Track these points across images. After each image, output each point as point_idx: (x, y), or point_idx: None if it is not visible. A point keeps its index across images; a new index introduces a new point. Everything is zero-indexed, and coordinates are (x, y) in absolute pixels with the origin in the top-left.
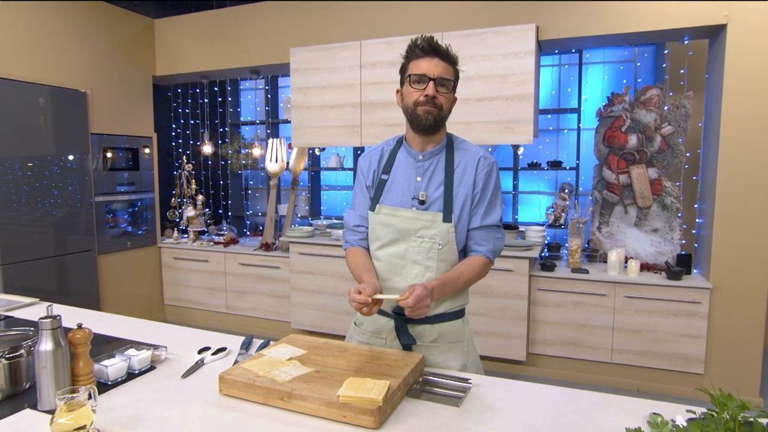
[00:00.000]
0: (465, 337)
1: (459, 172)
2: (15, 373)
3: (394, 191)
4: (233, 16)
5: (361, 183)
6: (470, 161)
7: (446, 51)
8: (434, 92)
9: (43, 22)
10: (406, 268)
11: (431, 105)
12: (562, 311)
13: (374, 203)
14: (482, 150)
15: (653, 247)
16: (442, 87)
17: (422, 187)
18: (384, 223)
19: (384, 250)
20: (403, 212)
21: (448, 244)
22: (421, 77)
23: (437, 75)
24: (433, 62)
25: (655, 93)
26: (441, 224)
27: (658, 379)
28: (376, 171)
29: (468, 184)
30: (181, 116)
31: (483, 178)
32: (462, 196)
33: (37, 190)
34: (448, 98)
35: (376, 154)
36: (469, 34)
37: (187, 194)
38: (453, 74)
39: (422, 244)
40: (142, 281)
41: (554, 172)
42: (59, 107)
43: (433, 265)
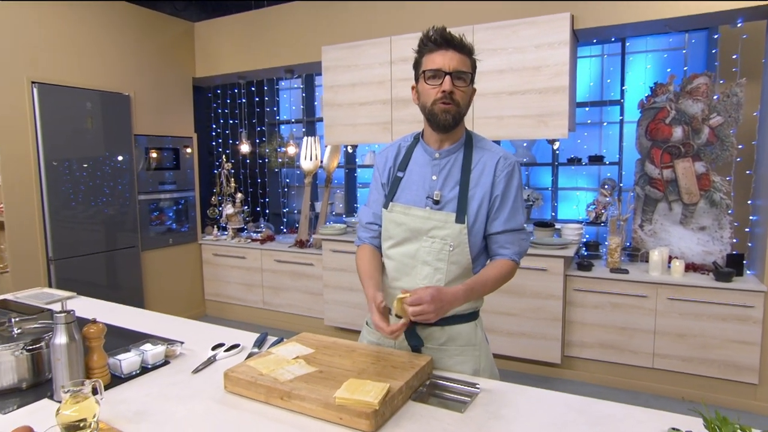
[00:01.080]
0: (477, 340)
1: (476, 173)
2: (37, 363)
3: (408, 189)
4: (267, 16)
5: (376, 180)
6: (489, 162)
7: (461, 41)
8: (451, 87)
9: (90, 30)
10: (416, 268)
11: (449, 102)
12: (600, 313)
13: (388, 201)
14: (502, 150)
15: (700, 246)
16: (459, 80)
17: (437, 186)
18: (396, 221)
19: (396, 249)
20: (416, 211)
21: (459, 246)
22: (436, 72)
23: (453, 68)
24: (447, 55)
25: (703, 81)
26: (453, 225)
27: (706, 387)
28: (392, 168)
29: (486, 186)
30: (221, 116)
31: (504, 181)
32: (478, 198)
33: (90, 189)
34: (465, 92)
35: (393, 151)
36: (501, 26)
37: (226, 192)
38: (470, 65)
39: (433, 244)
40: (184, 277)
41: (595, 168)
42: (105, 110)
43: (443, 266)
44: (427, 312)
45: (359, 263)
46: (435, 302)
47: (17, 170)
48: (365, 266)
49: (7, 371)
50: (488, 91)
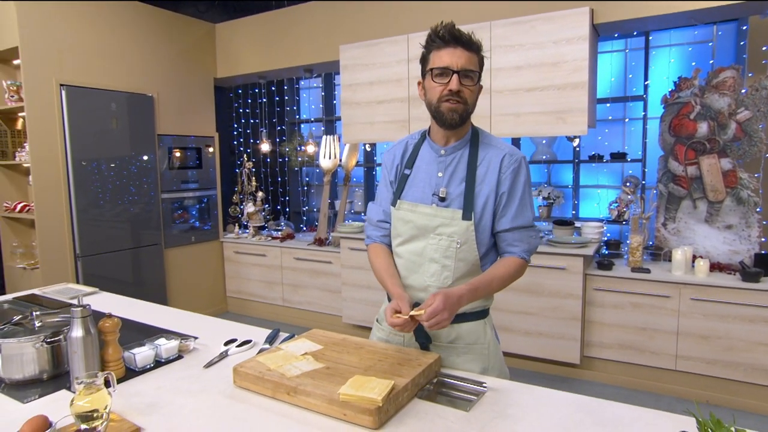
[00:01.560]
0: (486, 339)
1: (482, 169)
2: (57, 355)
3: (415, 186)
4: (286, 16)
5: (385, 178)
6: (495, 158)
7: (469, 38)
8: (459, 86)
9: (115, 33)
10: (424, 266)
11: (456, 100)
12: (621, 313)
13: (395, 198)
14: (508, 146)
15: (726, 245)
16: (467, 79)
17: (443, 183)
18: (404, 219)
19: (404, 246)
20: (423, 208)
21: (467, 243)
22: (443, 70)
23: (461, 67)
24: (456, 53)
25: (730, 75)
26: (460, 222)
27: (731, 390)
28: (399, 166)
29: (491, 183)
30: (242, 116)
31: (510, 177)
32: (484, 195)
33: (117, 188)
34: (473, 91)
35: (400, 148)
36: (518, 22)
37: (247, 191)
38: (477, 63)
39: (440, 242)
40: (206, 274)
41: (618, 165)
42: (129, 111)
43: (451, 264)
44: (443, 319)
45: (375, 262)
46: (448, 308)
47: (47, 170)
48: (382, 264)
49: (28, 362)
50: (506, 88)
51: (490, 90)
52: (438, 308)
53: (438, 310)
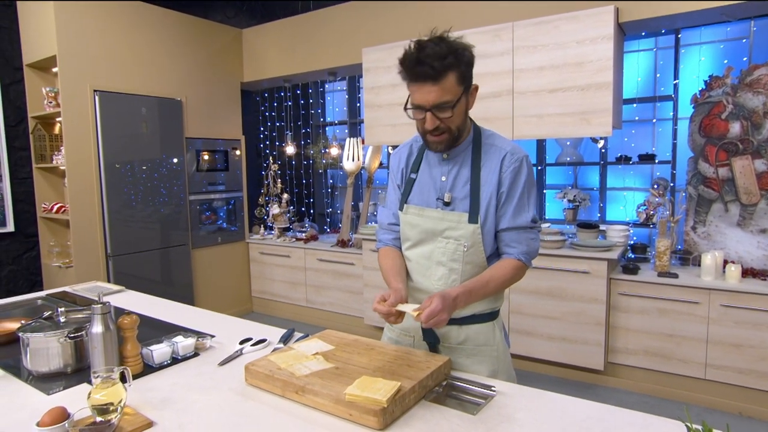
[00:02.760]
0: (495, 341)
1: (486, 171)
2: (79, 350)
3: (420, 191)
4: (310, 20)
5: (392, 182)
6: (496, 158)
7: (434, 69)
8: (434, 124)
9: (145, 39)
10: (431, 269)
11: (437, 134)
12: (647, 318)
13: (402, 202)
14: (510, 145)
15: (761, 250)
16: (442, 111)
17: (447, 187)
18: (411, 223)
19: (413, 250)
20: (429, 212)
21: (474, 246)
22: (417, 107)
23: (431, 104)
24: (424, 89)
25: (765, 72)
26: (467, 225)
27: (765, 402)
28: (405, 170)
29: (493, 183)
30: (268, 119)
31: (510, 176)
32: (487, 196)
33: (147, 190)
34: (454, 115)
35: (405, 152)
36: (540, 22)
37: (273, 193)
38: (454, 88)
39: (447, 245)
40: (232, 274)
41: (646, 167)
42: (159, 115)
43: (458, 267)
44: (442, 320)
45: (382, 263)
46: (446, 308)
47: (82, 173)
48: (389, 264)
49: (53, 356)
50: (528, 89)
51: (512, 91)
52: (436, 309)
53: (436, 311)
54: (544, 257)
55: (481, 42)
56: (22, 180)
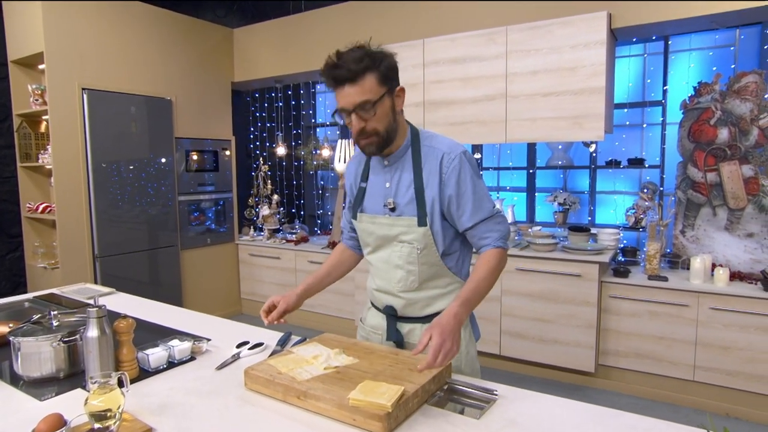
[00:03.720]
0: (463, 340)
1: (426, 173)
2: (73, 354)
3: (370, 199)
4: (302, 21)
5: (350, 191)
6: (434, 160)
7: (350, 71)
8: (359, 124)
9: (135, 37)
10: (390, 272)
11: (365, 137)
12: (637, 321)
13: (355, 211)
14: (447, 143)
15: (747, 254)
16: (365, 111)
17: (391, 193)
18: (366, 230)
19: (373, 255)
20: (380, 219)
21: (427, 248)
22: (341, 111)
23: (353, 104)
24: (343, 92)
25: (753, 80)
26: (417, 228)
27: (753, 404)
28: (355, 180)
29: (434, 186)
30: (259, 119)
31: (453, 177)
32: (430, 199)
33: (135, 190)
34: (379, 115)
35: (355, 163)
36: (535, 27)
37: (263, 194)
38: (375, 87)
39: (402, 248)
40: (221, 276)
41: (635, 171)
42: (148, 114)
43: (415, 269)
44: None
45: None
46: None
47: (69, 172)
48: (322, 266)
49: (45, 361)
50: (521, 93)
51: (506, 95)
52: (438, 344)
53: (440, 346)
54: (536, 260)
55: (475, 45)
56: (6, 179)
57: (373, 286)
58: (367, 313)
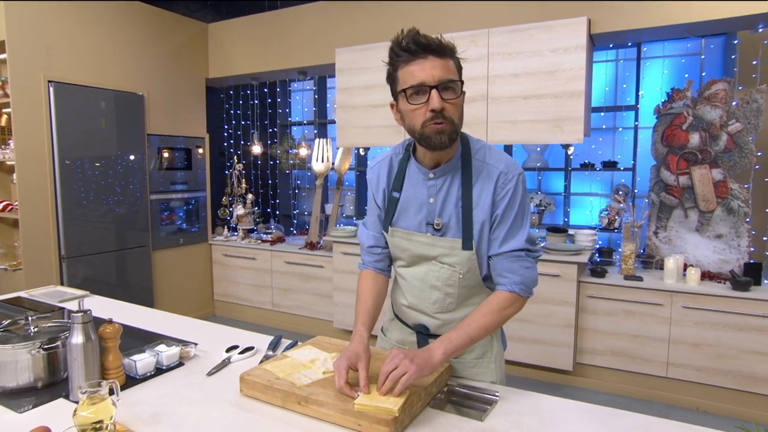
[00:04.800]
0: (494, 353)
1: (477, 191)
2: (53, 363)
3: (406, 213)
4: (281, 18)
5: (372, 199)
6: (489, 178)
7: (440, 43)
8: (441, 103)
9: (105, 30)
10: (425, 291)
11: (441, 121)
12: (613, 320)
13: (386, 224)
14: (504, 162)
15: (717, 254)
16: (448, 91)
17: (436, 211)
18: (400, 246)
19: (407, 269)
20: (419, 237)
21: (470, 272)
22: (419, 88)
23: (438, 79)
24: (428, 64)
25: (722, 87)
26: (461, 252)
27: (721, 398)
28: (386, 188)
29: (486, 206)
30: (233, 117)
31: (505, 199)
32: (480, 220)
33: (103, 188)
34: (457, 105)
35: (385, 167)
36: (516, 30)
37: (237, 193)
38: (456, 70)
39: (442, 270)
40: (194, 277)
41: (609, 173)
42: (118, 110)
43: (454, 291)
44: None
45: (358, 293)
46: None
47: (33, 168)
48: (364, 298)
49: (23, 370)
50: (503, 96)
51: (486, 97)
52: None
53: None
54: None
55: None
56: None
57: (403, 302)
58: (390, 324)
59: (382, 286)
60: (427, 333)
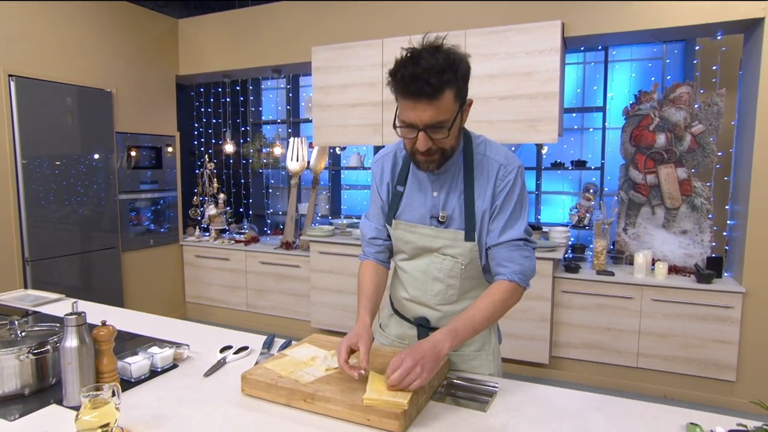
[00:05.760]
0: (491, 345)
1: (479, 184)
2: (42, 368)
3: (410, 206)
4: (255, 15)
5: (375, 192)
6: (490, 171)
7: (434, 86)
8: (426, 144)
9: (71, 23)
10: (428, 284)
11: (428, 154)
12: (587, 314)
13: (390, 217)
14: (503, 155)
15: (682, 249)
16: (436, 131)
17: (440, 204)
18: (403, 239)
19: (408, 263)
20: (422, 229)
21: (471, 263)
22: (409, 126)
23: (425, 123)
24: (418, 107)
25: (685, 90)
26: (464, 243)
27: (687, 385)
28: (390, 182)
29: (487, 198)
30: (204, 115)
31: (505, 190)
32: (481, 212)
33: (64, 188)
34: (450, 135)
35: (389, 161)
36: (493, 32)
37: (209, 193)
38: (450, 106)
39: (444, 262)
40: (165, 279)
41: (578, 172)
42: (86, 106)
43: (456, 283)
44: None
45: (360, 281)
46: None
47: None
48: (364, 283)
49: (9, 377)
50: (479, 96)
51: None
52: (409, 367)
53: (410, 369)
54: None
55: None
56: None
57: (404, 295)
58: (389, 320)
59: (382, 276)
60: (428, 326)
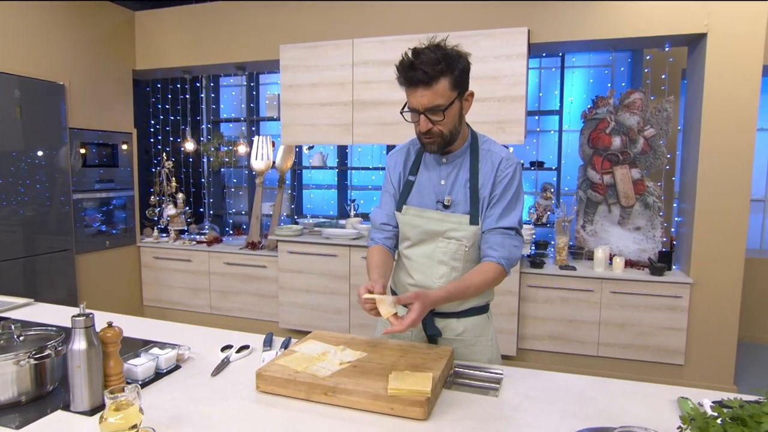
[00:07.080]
0: (490, 331)
1: (482, 174)
2: (41, 374)
3: (419, 193)
4: (219, 10)
5: (387, 182)
6: (492, 163)
7: (428, 75)
8: (427, 126)
9: (20, 12)
10: (432, 267)
11: (430, 137)
12: (551, 307)
13: (400, 204)
14: (505, 151)
15: (636, 244)
16: (435, 114)
17: (446, 191)
18: (411, 224)
19: (412, 249)
20: (430, 213)
21: (474, 245)
22: (412, 111)
23: (424, 107)
24: (417, 93)
25: (638, 97)
26: (468, 227)
27: (642, 371)
28: (402, 173)
29: (488, 187)
30: (161, 112)
31: (504, 181)
32: (482, 198)
33: (19, 186)
34: (447, 119)
35: (402, 154)
36: (461, 36)
37: (167, 192)
38: (447, 92)
39: (449, 245)
40: (121, 281)
41: (536, 172)
42: (35, 100)
43: (460, 265)
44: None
45: (369, 261)
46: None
47: None
48: (375, 260)
49: (7, 384)
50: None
51: None
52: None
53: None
54: None
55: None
56: None
57: (409, 281)
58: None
59: (389, 258)
60: (432, 311)
